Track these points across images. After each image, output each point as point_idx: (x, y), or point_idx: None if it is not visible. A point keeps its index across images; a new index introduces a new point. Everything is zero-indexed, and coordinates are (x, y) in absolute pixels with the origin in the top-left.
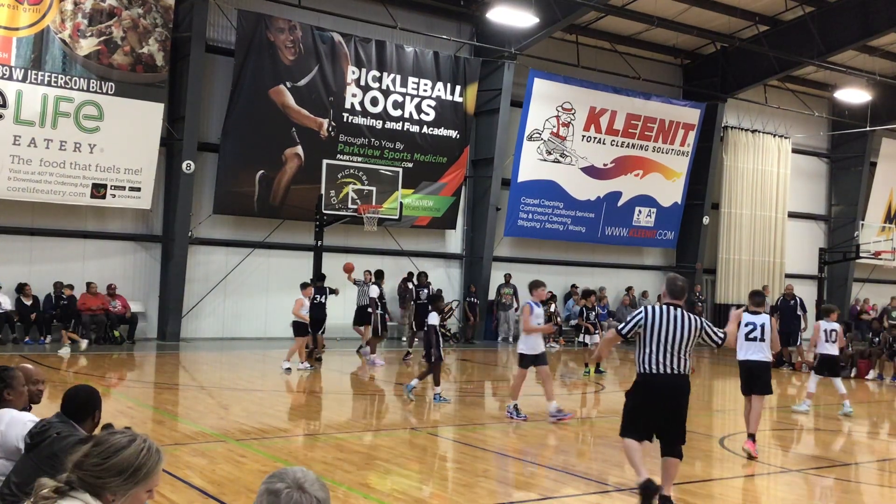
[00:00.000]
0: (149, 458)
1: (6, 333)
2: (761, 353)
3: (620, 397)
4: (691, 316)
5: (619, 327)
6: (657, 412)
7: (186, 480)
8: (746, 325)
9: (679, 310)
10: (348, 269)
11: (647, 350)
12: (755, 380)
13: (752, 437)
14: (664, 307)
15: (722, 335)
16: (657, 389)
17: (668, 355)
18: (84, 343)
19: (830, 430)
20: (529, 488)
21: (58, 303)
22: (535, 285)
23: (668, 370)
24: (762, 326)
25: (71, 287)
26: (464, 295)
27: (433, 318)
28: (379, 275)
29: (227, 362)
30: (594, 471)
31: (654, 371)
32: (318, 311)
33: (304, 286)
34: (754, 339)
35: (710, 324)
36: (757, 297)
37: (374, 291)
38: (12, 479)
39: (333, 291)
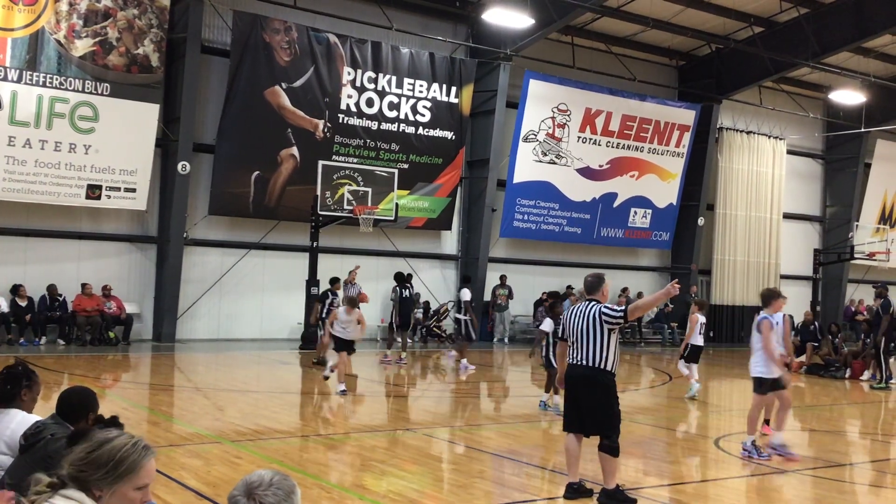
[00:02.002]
0: (132, 452)
1: (1, 335)
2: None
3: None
4: (592, 306)
5: (560, 334)
6: (576, 402)
7: (181, 482)
8: None
9: (587, 303)
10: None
11: (569, 344)
12: None
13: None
14: (579, 304)
15: (620, 310)
16: (571, 379)
17: (578, 347)
18: None
19: (825, 431)
20: (525, 489)
21: (52, 304)
22: (772, 295)
23: (578, 360)
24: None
25: (59, 296)
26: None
27: (547, 325)
28: (466, 279)
29: (222, 363)
30: (590, 472)
31: (571, 362)
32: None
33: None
34: None
35: (607, 305)
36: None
37: (465, 295)
38: (7, 480)
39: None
